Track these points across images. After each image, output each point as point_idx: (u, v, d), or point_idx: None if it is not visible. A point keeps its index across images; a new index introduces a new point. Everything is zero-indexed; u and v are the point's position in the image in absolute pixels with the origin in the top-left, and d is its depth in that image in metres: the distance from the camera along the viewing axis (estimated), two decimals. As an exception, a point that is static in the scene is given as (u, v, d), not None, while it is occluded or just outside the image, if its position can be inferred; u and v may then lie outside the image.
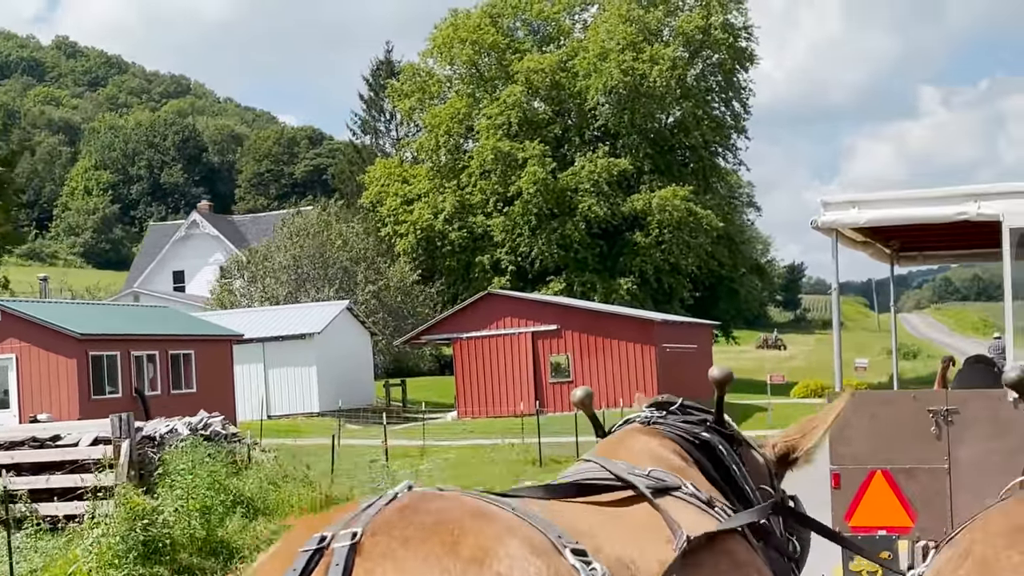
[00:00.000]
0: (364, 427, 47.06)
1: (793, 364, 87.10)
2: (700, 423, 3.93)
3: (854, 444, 10.37)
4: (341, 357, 48.15)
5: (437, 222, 68.30)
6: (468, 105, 70.43)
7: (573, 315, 47.05)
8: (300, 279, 56.11)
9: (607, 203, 66.65)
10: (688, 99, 70.42)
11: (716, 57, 72.29)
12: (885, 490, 10.26)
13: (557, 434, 39.24)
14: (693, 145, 71.46)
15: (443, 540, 2.46)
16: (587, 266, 67.46)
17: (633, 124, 69.07)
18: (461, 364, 47.42)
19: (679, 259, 66.67)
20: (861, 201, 10.86)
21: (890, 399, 10.90)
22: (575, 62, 69.73)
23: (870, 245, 12.79)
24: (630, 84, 67.90)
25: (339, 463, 30.05)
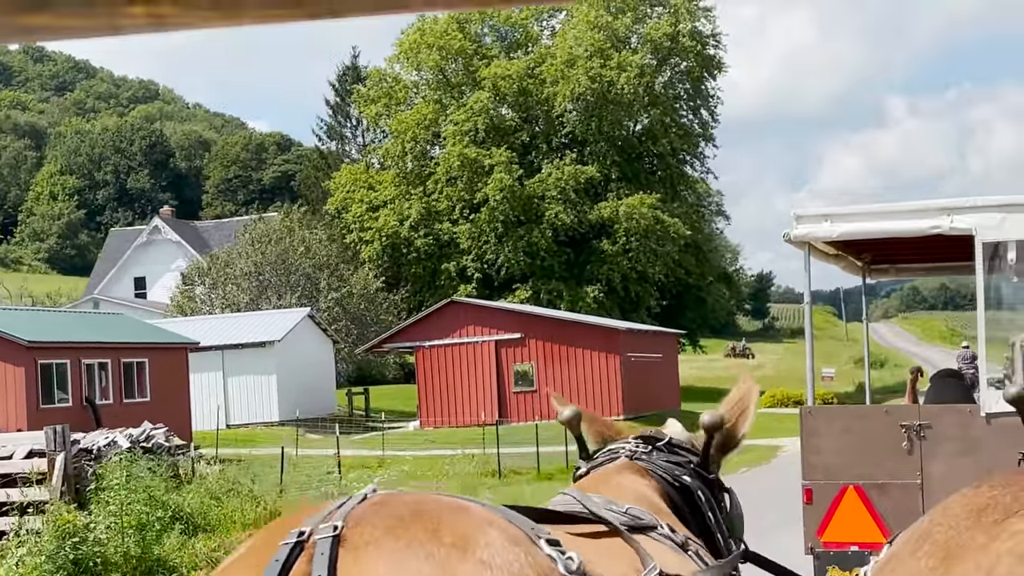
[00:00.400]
0: (325, 437, 46.33)
1: (761, 373, 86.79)
2: (684, 464, 3.86)
3: (826, 459, 10.39)
4: (302, 365, 47.44)
5: (403, 229, 67.67)
6: (435, 111, 69.86)
7: (537, 323, 46.52)
8: (262, 286, 55.37)
9: (574, 211, 66.19)
10: (656, 107, 70.09)
11: (684, 65, 71.99)
12: (857, 506, 10.27)
13: (520, 444, 38.71)
14: (661, 153, 71.11)
15: (424, 528, 2.45)
16: (554, 274, 66.95)
17: (601, 131, 68.65)
18: (423, 373, 46.80)
19: (646, 267, 66.25)
20: (834, 215, 10.88)
21: (862, 413, 11.00)
22: (543, 69, 69.26)
23: (842, 258, 12.83)
24: (598, 91, 67.50)
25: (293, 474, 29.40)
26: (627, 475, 3.74)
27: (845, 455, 10.35)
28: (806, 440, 10.59)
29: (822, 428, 10.49)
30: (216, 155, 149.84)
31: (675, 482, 3.77)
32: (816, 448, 10.45)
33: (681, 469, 3.83)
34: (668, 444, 3.93)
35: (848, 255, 12.90)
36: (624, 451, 3.91)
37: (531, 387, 45.70)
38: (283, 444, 30.36)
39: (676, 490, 3.76)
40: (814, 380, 11.60)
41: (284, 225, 57.88)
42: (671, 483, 3.77)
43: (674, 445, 3.94)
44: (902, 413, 10.61)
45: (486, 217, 66.07)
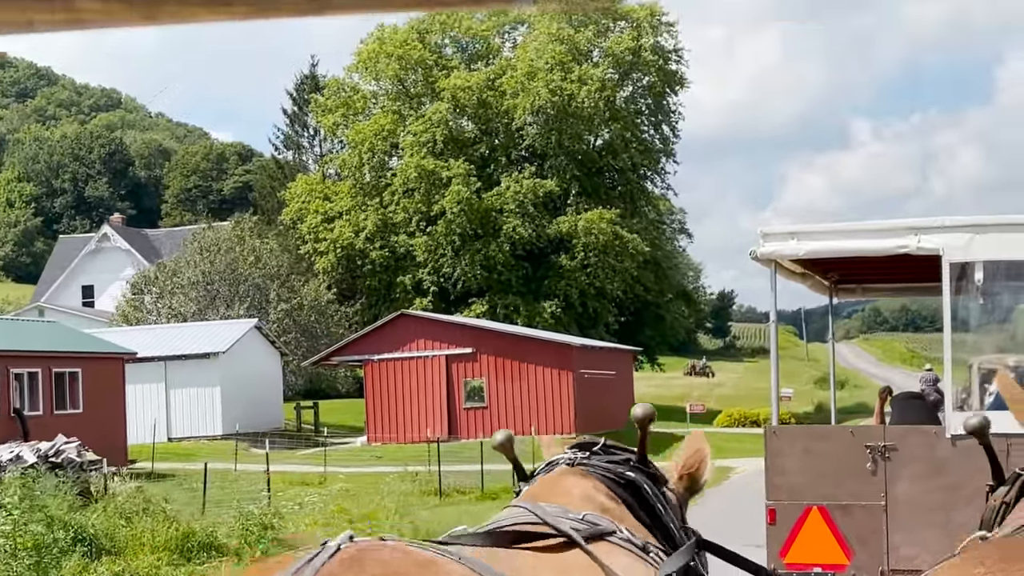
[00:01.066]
0: (271, 451, 45.15)
1: (721, 392, 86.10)
2: (624, 463, 3.87)
3: (790, 479, 10.36)
4: (248, 378, 46.22)
5: (358, 240, 66.55)
6: (393, 122, 68.83)
7: (489, 338, 45.50)
8: (210, 296, 54.11)
9: (532, 224, 65.28)
10: (617, 121, 69.31)
11: (646, 80, 71.27)
12: (821, 526, 10.19)
13: (469, 462, 37.66)
14: (621, 168, 70.33)
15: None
16: (511, 288, 65.97)
17: (561, 145, 67.78)
18: (372, 387, 45.68)
19: (604, 283, 65.40)
20: (800, 232, 10.84)
21: (827, 434, 10.98)
22: (503, 80, 68.35)
23: (809, 277, 12.78)
24: (558, 104, 66.66)
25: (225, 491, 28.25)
26: (572, 480, 3.70)
27: (809, 475, 10.26)
28: (770, 460, 10.59)
29: (786, 448, 10.45)
30: (176, 164, 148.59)
31: (619, 479, 3.76)
32: (780, 468, 10.40)
33: (622, 466, 3.82)
34: (604, 447, 3.94)
35: (815, 274, 12.84)
36: (563, 459, 3.89)
37: (482, 403, 44.67)
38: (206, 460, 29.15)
39: (622, 486, 3.75)
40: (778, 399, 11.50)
41: (234, 234, 56.60)
42: (616, 480, 3.75)
43: (609, 446, 3.95)
44: (867, 434, 10.50)
45: (443, 230, 65.06)
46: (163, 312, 53.31)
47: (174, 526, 17.46)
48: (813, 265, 12.24)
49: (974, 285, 10.30)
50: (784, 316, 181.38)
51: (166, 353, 44.66)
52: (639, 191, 72.31)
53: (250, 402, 46.15)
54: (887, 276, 13.82)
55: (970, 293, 10.54)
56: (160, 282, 54.87)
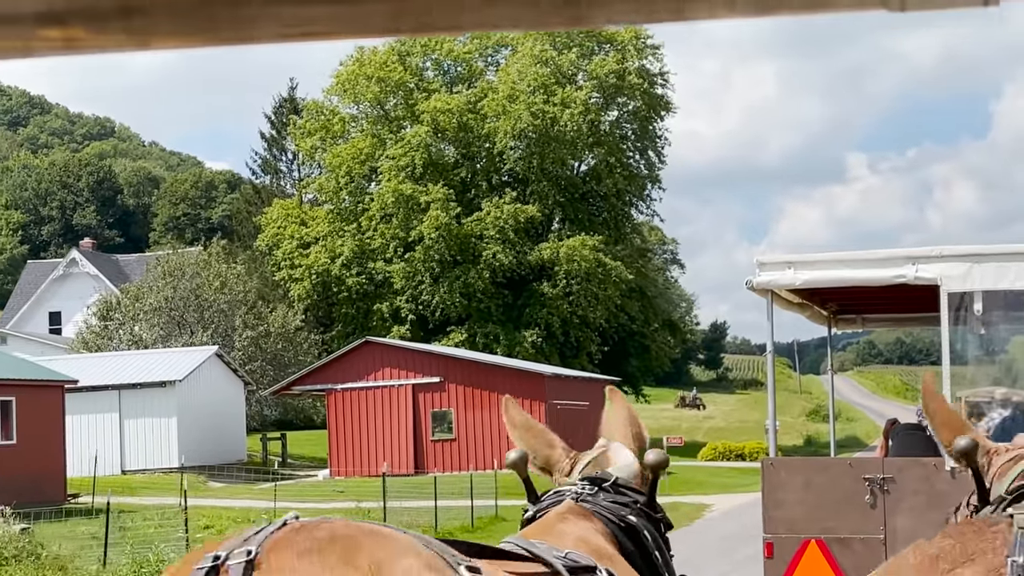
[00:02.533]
0: (229, 485, 43.19)
1: (711, 424, 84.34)
2: (631, 504, 3.78)
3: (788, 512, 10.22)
4: (207, 407, 44.24)
5: (334, 267, 64.73)
6: (372, 145, 67.11)
7: (457, 366, 43.58)
8: (173, 323, 52.18)
9: (513, 251, 63.47)
10: (601, 146, 67.60)
11: (632, 105, 69.60)
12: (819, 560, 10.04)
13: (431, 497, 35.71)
14: (605, 194, 68.59)
15: (339, 554, 2.40)
16: (491, 317, 64.11)
17: (543, 170, 66.06)
18: (335, 418, 43.76)
19: (587, 312, 63.55)
20: (797, 262, 10.73)
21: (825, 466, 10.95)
22: (484, 103, 66.67)
23: (807, 307, 12.57)
24: (540, 128, 64.99)
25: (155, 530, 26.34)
26: (571, 520, 3.66)
27: (807, 508, 10.17)
28: (767, 493, 10.40)
29: (784, 481, 10.31)
30: (165, 192, 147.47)
31: (621, 522, 3.71)
32: (778, 501, 10.26)
33: (627, 509, 3.76)
34: (614, 484, 3.83)
35: (813, 304, 12.65)
36: (569, 493, 3.80)
37: (450, 435, 42.72)
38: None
39: (622, 530, 3.70)
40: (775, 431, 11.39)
41: (200, 258, 54.71)
42: (617, 524, 3.70)
43: (620, 485, 3.84)
44: (865, 466, 10.46)
45: (421, 256, 63.25)
46: (125, 339, 51.34)
47: (49, 569, 15.51)
48: (811, 295, 12.07)
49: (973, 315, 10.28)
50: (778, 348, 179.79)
51: (120, 381, 42.71)
52: (624, 218, 70.55)
53: (210, 433, 44.15)
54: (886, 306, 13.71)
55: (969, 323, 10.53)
56: (122, 308, 52.96)
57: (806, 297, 12.13)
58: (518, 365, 46.42)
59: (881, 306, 13.80)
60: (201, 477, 42.52)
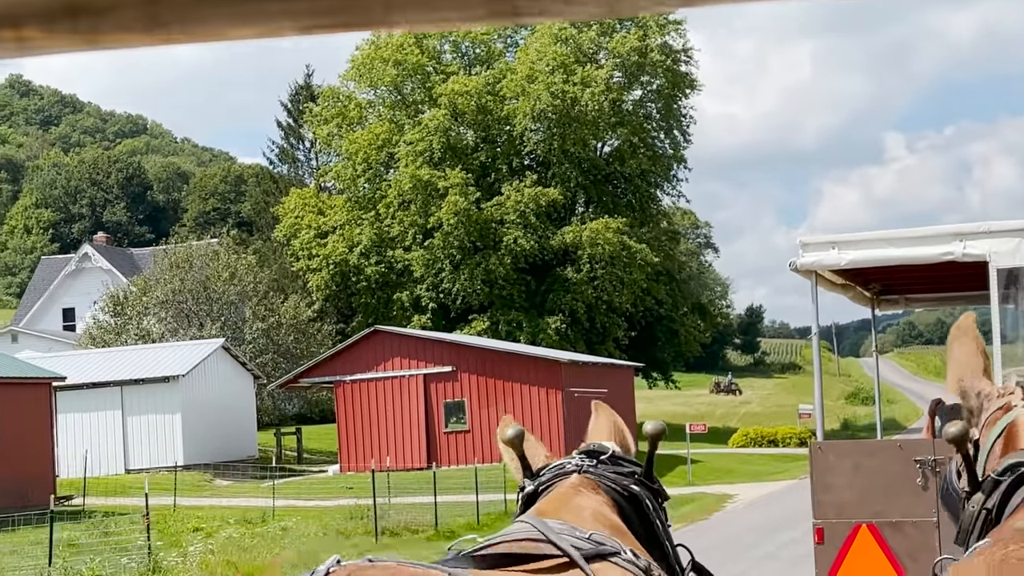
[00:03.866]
0: (236, 483, 41.64)
1: (747, 409, 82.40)
2: (630, 475, 3.73)
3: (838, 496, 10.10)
4: (214, 402, 42.69)
5: (352, 256, 63.09)
6: (389, 131, 65.37)
7: (470, 355, 41.78)
8: (181, 316, 50.66)
9: (535, 236, 61.59)
10: (624, 126, 65.56)
11: (656, 84, 67.54)
12: (871, 545, 9.91)
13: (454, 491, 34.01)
14: (629, 175, 66.57)
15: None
16: (513, 304, 62.29)
17: (564, 152, 64.11)
18: (344, 410, 42.08)
19: (612, 296, 61.60)
20: (841, 242, 10.60)
21: (875, 449, 10.73)
22: (503, 84, 64.80)
23: (850, 288, 12.42)
24: (560, 108, 63.05)
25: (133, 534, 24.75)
26: (584, 494, 3.61)
27: (857, 492, 10.02)
28: (816, 477, 10.27)
29: (833, 465, 10.16)
30: (195, 187, 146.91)
31: (624, 492, 3.68)
32: (827, 486, 10.16)
33: (628, 479, 3.72)
34: (612, 457, 3.79)
35: (856, 285, 12.46)
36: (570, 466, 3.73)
37: (463, 426, 40.95)
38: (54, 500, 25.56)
39: (625, 499, 3.67)
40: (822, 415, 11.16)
41: (210, 249, 53.13)
42: (620, 493, 3.68)
43: (617, 457, 3.80)
44: (916, 448, 10.26)
45: (440, 243, 61.48)
46: (132, 334, 49.84)
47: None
48: (854, 276, 11.86)
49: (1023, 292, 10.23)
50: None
51: (122, 377, 41.21)
52: (649, 199, 68.54)
53: (217, 429, 42.61)
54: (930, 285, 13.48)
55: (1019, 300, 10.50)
56: (129, 301, 51.49)
57: (849, 278, 11.87)
58: (533, 352, 44.59)
59: (925, 285, 13.51)
60: (207, 475, 41.02)
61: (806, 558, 21.46)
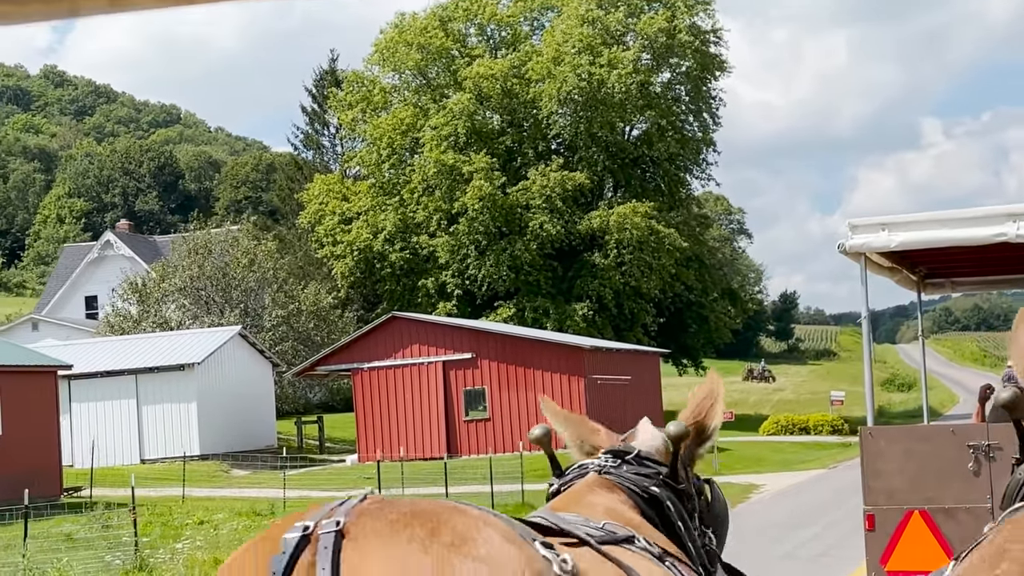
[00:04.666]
0: (253, 473, 40.85)
1: (780, 396, 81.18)
2: (653, 476, 3.79)
3: (889, 483, 10.03)
4: (231, 391, 41.91)
5: (376, 242, 62.24)
6: (413, 115, 64.43)
7: (490, 341, 40.80)
8: (200, 303, 49.92)
9: (561, 221, 60.52)
10: (652, 108, 64.36)
11: (684, 66, 66.28)
12: (923, 531, 9.78)
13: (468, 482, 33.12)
14: (657, 158, 65.39)
15: (424, 525, 2.50)
16: (540, 290, 61.29)
17: (591, 135, 63.02)
18: (362, 398, 41.19)
19: (640, 282, 60.48)
20: (891, 223, 10.48)
21: (926, 434, 10.60)
22: (528, 67, 63.74)
23: (897, 271, 12.26)
24: (587, 91, 61.94)
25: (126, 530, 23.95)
26: (598, 492, 3.72)
27: (909, 478, 9.93)
28: (867, 463, 10.15)
29: (884, 450, 10.08)
30: (226, 176, 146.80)
31: (644, 493, 3.75)
32: (878, 472, 10.07)
33: (649, 480, 3.78)
34: (637, 457, 3.85)
35: (902, 268, 12.30)
36: (592, 466, 3.85)
37: (483, 414, 40.00)
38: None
39: (645, 501, 3.74)
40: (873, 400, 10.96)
41: (230, 236, 52.37)
42: (640, 494, 3.74)
43: (643, 457, 3.86)
44: (969, 433, 10.11)
45: (465, 228, 60.53)
46: (151, 321, 49.17)
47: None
48: (901, 259, 11.74)
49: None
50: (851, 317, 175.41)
51: (137, 365, 40.49)
52: (678, 183, 67.33)
53: (235, 418, 41.83)
54: (977, 268, 13.25)
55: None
56: (147, 288, 50.82)
57: (896, 260, 11.72)
58: (555, 338, 43.57)
59: (973, 268, 13.27)
60: (224, 465, 40.27)
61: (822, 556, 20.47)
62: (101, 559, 17.64)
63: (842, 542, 22.26)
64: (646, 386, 44.01)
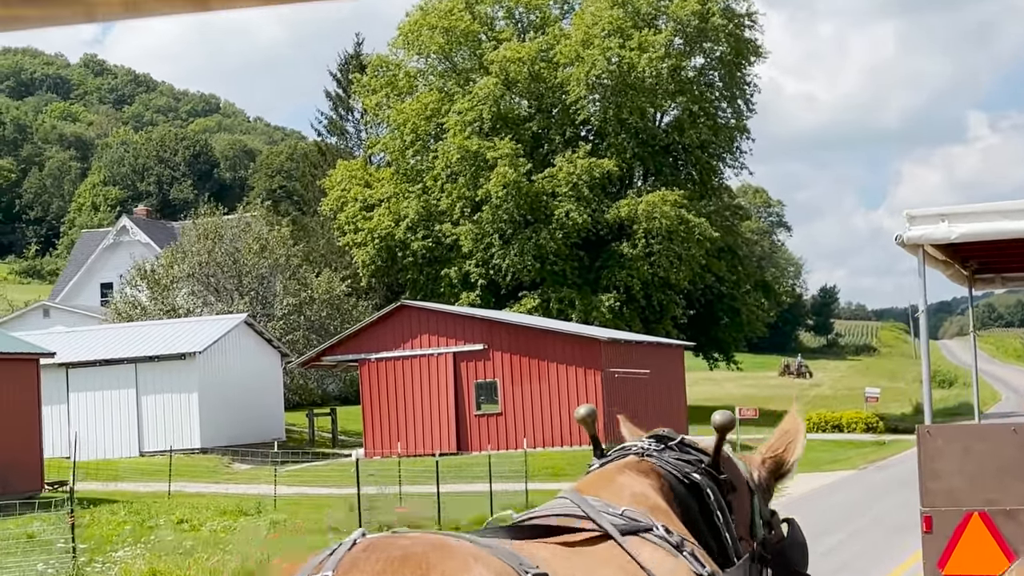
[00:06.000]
0: (256, 467, 39.19)
1: (817, 392, 79.07)
2: (695, 463, 3.80)
3: (947, 483, 9.67)
4: (236, 381, 40.32)
5: (398, 230, 60.52)
6: (438, 100, 62.63)
7: (503, 332, 38.98)
8: (209, 289, 48.37)
9: (588, 209, 58.54)
10: (684, 94, 62.29)
11: (719, 51, 64.12)
12: (983, 534, 9.36)
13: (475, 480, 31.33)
14: (689, 146, 63.27)
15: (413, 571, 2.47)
16: (565, 280, 59.36)
17: (621, 121, 60.98)
18: (369, 391, 39.46)
19: (669, 273, 58.43)
20: (952, 214, 9.98)
21: (986, 433, 10.32)
22: (556, 51, 61.78)
23: (949, 265, 11.85)
24: (616, 75, 59.92)
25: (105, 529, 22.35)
26: (629, 474, 3.68)
27: (968, 479, 9.50)
28: (924, 463, 9.72)
29: (942, 449, 9.66)
30: (261, 165, 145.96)
31: (684, 479, 3.72)
32: (935, 472, 9.63)
33: (691, 467, 3.77)
34: (680, 443, 3.87)
35: (955, 262, 11.85)
36: (635, 448, 3.85)
37: (496, 409, 38.18)
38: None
39: (685, 487, 3.71)
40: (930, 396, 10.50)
41: (243, 220, 50.76)
42: (680, 480, 3.71)
43: (686, 444, 3.88)
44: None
45: (488, 216, 58.68)
46: (159, 308, 47.63)
47: None
48: (954, 252, 11.26)
49: None
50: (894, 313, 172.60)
51: (136, 354, 38.94)
52: (710, 171, 65.18)
53: (239, 410, 40.22)
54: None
55: None
56: (155, 275, 49.31)
57: (950, 254, 11.22)
58: (570, 329, 41.63)
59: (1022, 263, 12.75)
60: (225, 459, 38.68)
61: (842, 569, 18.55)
62: (34, 567, 15.95)
63: (867, 551, 20.36)
64: (669, 380, 42.04)
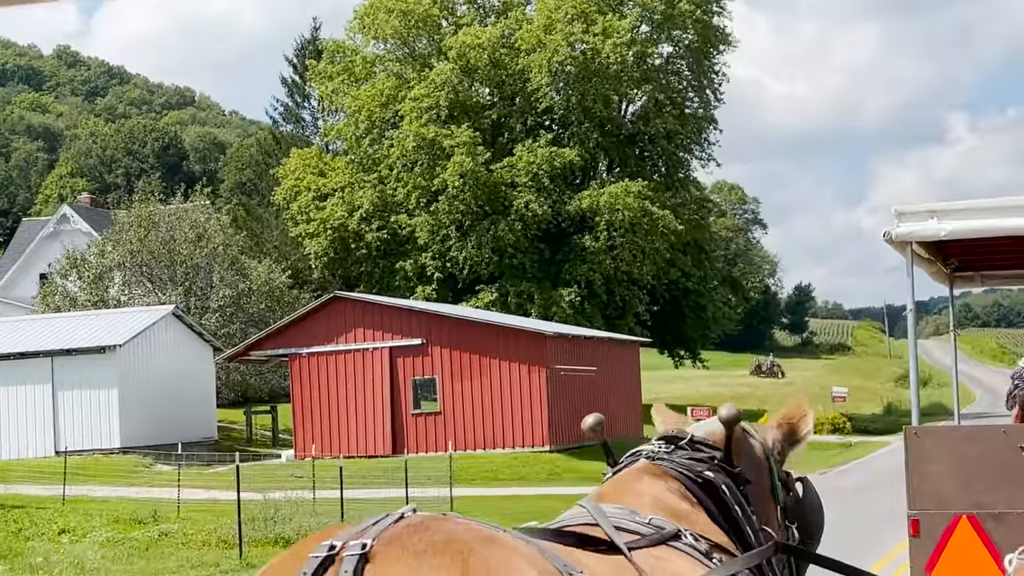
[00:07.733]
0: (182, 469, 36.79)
1: (789, 392, 77.13)
2: (707, 460, 3.77)
3: (935, 486, 9.52)
4: (162, 377, 37.89)
5: (352, 221, 58.13)
6: (395, 87, 60.23)
7: (443, 326, 36.67)
8: (140, 279, 45.94)
9: (549, 200, 56.25)
10: (650, 82, 60.04)
11: (687, 39, 61.86)
12: (971, 538, 9.28)
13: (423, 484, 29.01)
14: (654, 136, 61.01)
15: (453, 557, 2.43)
16: (525, 274, 57.05)
17: (584, 109, 58.65)
18: (300, 388, 37.10)
19: (632, 267, 56.19)
20: (941, 211, 9.88)
21: (976, 434, 10.13)
22: (518, 36, 59.45)
23: (932, 263, 11.57)
24: (579, 61, 57.63)
25: None
26: (645, 480, 3.65)
27: (957, 481, 9.38)
28: (912, 465, 9.49)
29: (930, 451, 9.46)
30: (231, 157, 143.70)
31: (697, 478, 3.68)
32: (923, 474, 9.45)
33: (703, 465, 3.73)
34: (690, 442, 3.83)
35: (937, 260, 11.59)
36: (643, 453, 3.82)
37: (434, 407, 35.85)
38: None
39: (699, 486, 3.68)
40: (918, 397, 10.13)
41: (180, 208, 48.33)
42: (693, 479, 3.68)
43: (696, 442, 3.83)
44: (1022, 434, 9.46)
45: (445, 207, 56.35)
46: (83, 299, 45.15)
47: None
48: (938, 250, 10.94)
49: None
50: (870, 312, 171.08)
51: (52, 347, 36.49)
52: (676, 163, 62.92)
53: (166, 408, 37.76)
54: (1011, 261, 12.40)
55: None
56: (86, 264, 46.82)
57: (933, 252, 11.03)
58: (515, 323, 39.33)
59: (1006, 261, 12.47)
60: (147, 459, 36.24)
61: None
62: None
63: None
64: (623, 378, 39.76)
